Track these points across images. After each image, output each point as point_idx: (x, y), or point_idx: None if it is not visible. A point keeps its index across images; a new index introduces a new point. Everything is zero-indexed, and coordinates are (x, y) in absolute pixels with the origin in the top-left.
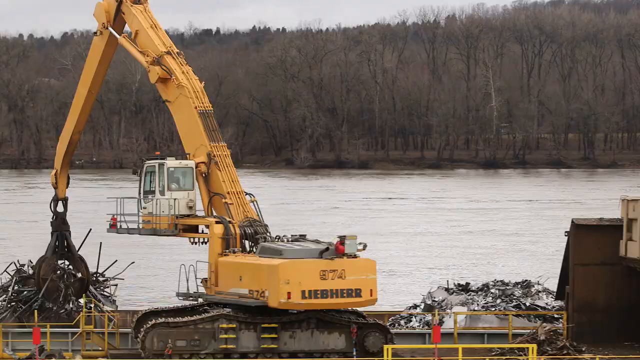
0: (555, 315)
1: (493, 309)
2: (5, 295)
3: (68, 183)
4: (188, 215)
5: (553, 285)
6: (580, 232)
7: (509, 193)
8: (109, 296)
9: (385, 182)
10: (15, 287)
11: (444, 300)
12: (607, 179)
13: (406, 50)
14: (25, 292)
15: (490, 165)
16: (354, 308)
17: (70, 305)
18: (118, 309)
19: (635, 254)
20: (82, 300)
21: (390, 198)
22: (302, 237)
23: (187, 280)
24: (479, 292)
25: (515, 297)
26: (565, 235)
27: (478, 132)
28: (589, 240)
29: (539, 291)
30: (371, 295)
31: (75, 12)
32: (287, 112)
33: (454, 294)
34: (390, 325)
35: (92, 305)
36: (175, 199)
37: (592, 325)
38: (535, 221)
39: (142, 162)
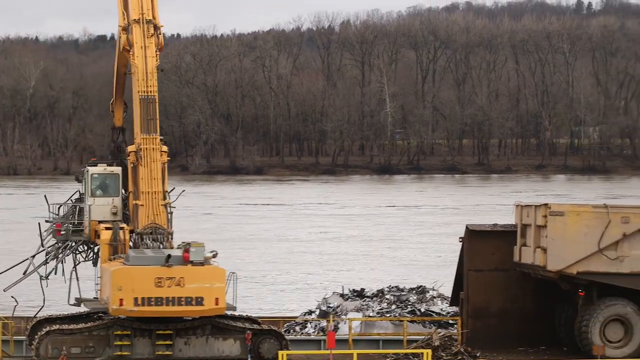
0: (450, 321)
1: (388, 314)
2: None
3: (125, 113)
4: (113, 222)
5: (447, 291)
6: (474, 237)
7: (402, 199)
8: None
9: (274, 188)
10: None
11: (339, 306)
12: (501, 185)
13: (301, 56)
14: None
15: (384, 171)
16: (247, 314)
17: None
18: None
19: (529, 259)
20: None
21: (268, 204)
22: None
23: (76, 287)
24: (374, 298)
25: (410, 303)
26: (460, 241)
27: (373, 138)
28: (483, 246)
29: (434, 297)
30: (217, 304)
31: None
32: (182, 117)
33: (349, 299)
34: (285, 331)
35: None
36: (90, 205)
37: (486, 331)
38: (428, 227)
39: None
